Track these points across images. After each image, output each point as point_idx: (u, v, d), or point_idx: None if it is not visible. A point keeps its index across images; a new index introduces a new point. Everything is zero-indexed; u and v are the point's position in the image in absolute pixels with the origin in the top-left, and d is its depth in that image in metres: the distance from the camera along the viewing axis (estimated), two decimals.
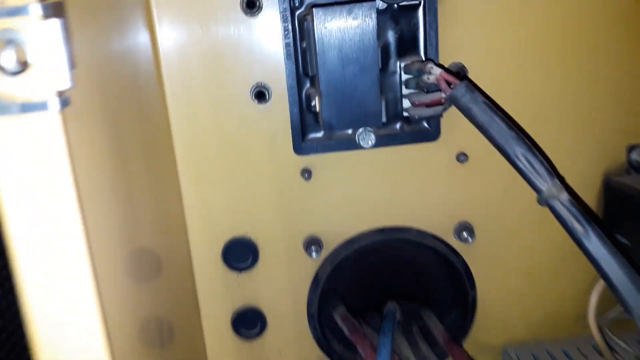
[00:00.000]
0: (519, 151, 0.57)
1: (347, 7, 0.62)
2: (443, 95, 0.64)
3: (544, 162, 0.57)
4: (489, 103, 0.59)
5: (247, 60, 0.69)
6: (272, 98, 0.72)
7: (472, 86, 0.60)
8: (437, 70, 0.62)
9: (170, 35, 0.70)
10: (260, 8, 0.70)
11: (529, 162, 0.57)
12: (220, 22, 0.70)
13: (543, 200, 0.56)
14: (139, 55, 0.67)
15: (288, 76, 0.70)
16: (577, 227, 0.55)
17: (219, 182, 0.73)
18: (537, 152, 0.57)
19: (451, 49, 0.69)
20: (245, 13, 0.70)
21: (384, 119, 0.70)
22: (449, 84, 0.62)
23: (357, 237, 0.77)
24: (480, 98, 0.59)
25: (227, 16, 0.70)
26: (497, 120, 0.58)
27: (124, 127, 0.57)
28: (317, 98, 0.68)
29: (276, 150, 0.72)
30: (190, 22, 0.70)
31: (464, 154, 0.74)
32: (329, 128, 0.65)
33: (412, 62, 0.69)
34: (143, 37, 0.69)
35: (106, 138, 0.49)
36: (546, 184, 0.56)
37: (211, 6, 0.70)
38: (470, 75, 0.73)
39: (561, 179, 0.57)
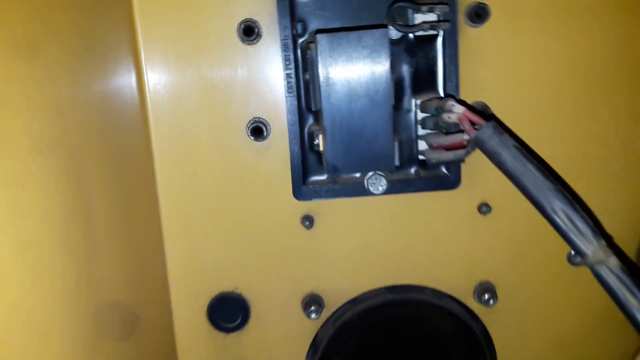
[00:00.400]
0: (558, 206, 0.48)
1: (355, 34, 0.54)
2: (466, 137, 0.55)
3: (588, 219, 0.48)
4: (521, 148, 0.51)
5: (244, 93, 0.62)
6: (271, 135, 0.64)
7: (500, 127, 0.52)
8: (459, 108, 0.53)
9: (158, 67, 0.63)
10: (259, 36, 0.63)
11: (569, 219, 0.47)
12: (214, 50, 0.63)
13: (587, 265, 0.47)
14: (121, 91, 0.60)
15: (289, 111, 0.62)
16: (630, 298, 0.45)
17: (206, 229, 0.66)
18: (579, 208, 0.48)
19: (473, 86, 0.62)
20: (243, 41, 0.63)
21: (396, 163, 0.62)
22: (473, 124, 0.54)
23: (364, 296, 0.68)
24: (511, 141, 0.51)
25: (222, 44, 0.63)
26: (532, 168, 0.49)
27: (92, 171, 0.49)
28: (320, 136, 0.59)
29: (274, 194, 0.65)
30: (182, 51, 0.63)
31: (487, 205, 0.65)
32: (333, 171, 0.56)
33: (430, 100, 0.60)
34: (127, 73, 0.61)
35: (62, 188, 0.41)
36: (592, 246, 0.46)
37: (205, 34, 0.62)
38: (497, 115, 0.64)
39: (608, 240, 0.48)
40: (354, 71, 0.55)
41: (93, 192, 0.49)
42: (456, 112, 0.54)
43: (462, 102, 0.60)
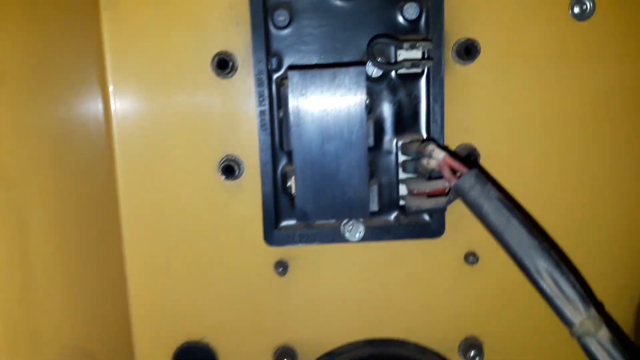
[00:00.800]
0: (544, 267, 0.43)
1: (330, 71, 0.50)
2: (447, 184, 0.50)
3: (577, 283, 0.43)
4: (505, 200, 0.46)
5: (217, 128, 0.59)
6: (243, 174, 0.60)
7: (484, 176, 0.47)
8: (439, 154, 0.49)
9: (127, 97, 0.60)
10: (234, 69, 0.59)
11: (556, 283, 0.43)
12: (187, 83, 0.59)
13: (574, 336, 0.42)
14: (86, 123, 0.56)
15: (262, 150, 0.58)
16: None
17: (173, 272, 0.62)
18: (567, 270, 0.43)
19: (459, 127, 0.59)
20: (217, 74, 0.59)
21: (375, 208, 0.57)
22: (454, 171, 0.49)
23: (341, 349, 0.63)
24: (494, 192, 0.46)
25: (195, 77, 0.59)
26: (515, 223, 0.45)
27: (39, 205, 0.45)
28: (292, 178, 0.55)
29: (245, 237, 0.61)
30: (153, 82, 0.59)
31: (474, 255, 0.61)
32: (303, 218, 0.52)
33: (411, 141, 0.56)
34: (93, 104, 0.58)
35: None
36: (580, 316, 0.42)
37: (177, 65, 0.59)
38: (483, 162, 0.60)
39: (599, 308, 0.43)
40: (328, 111, 0.51)
41: (40, 230, 0.45)
42: (436, 158, 0.50)
43: (444, 147, 0.55)
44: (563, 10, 0.59)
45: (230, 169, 0.60)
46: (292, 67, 0.52)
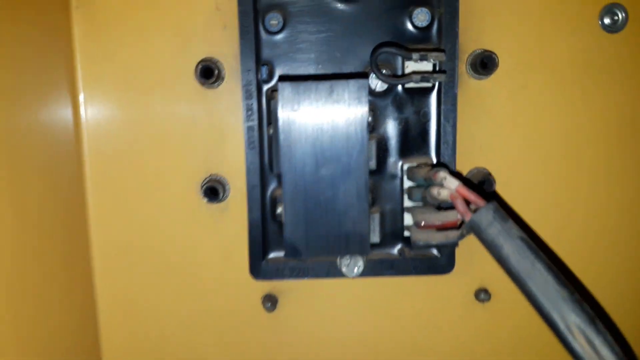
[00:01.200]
0: (575, 322, 0.36)
1: (327, 84, 0.43)
2: (459, 216, 0.44)
3: (614, 344, 0.36)
4: (529, 240, 0.39)
5: (199, 145, 0.54)
6: (228, 197, 0.54)
7: (504, 211, 0.40)
8: (452, 183, 0.42)
9: (98, 108, 0.54)
10: (220, 78, 0.53)
11: (589, 342, 0.36)
12: (167, 93, 0.53)
13: None
14: (51, 134, 0.50)
15: (249, 171, 0.51)
16: None
17: (148, 308, 0.56)
18: (603, 327, 0.36)
19: (473, 149, 0.54)
20: (201, 83, 0.52)
21: (376, 239, 0.51)
22: (468, 203, 0.42)
23: None
24: (516, 230, 0.39)
25: (176, 86, 0.53)
26: (541, 268, 0.38)
27: None
28: (283, 205, 0.48)
29: (229, 268, 0.56)
30: (128, 91, 0.54)
31: (486, 291, 0.55)
32: (293, 254, 0.45)
33: (419, 166, 0.50)
34: (62, 112, 0.51)
35: None
36: None
37: (157, 73, 0.53)
38: (499, 189, 0.53)
39: None
40: (323, 129, 0.44)
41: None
42: (448, 188, 0.43)
43: (457, 174, 0.49)
44: (592, 20, 0.53)
45: (214, 191, 0.54)
46: (283, 78, 0.45)
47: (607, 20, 0.53)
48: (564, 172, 0.55)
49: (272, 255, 0.53)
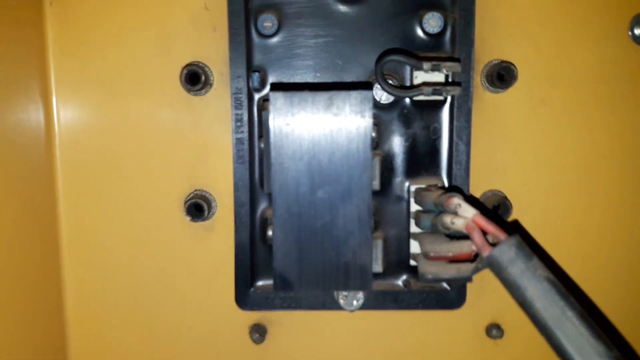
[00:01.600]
0: None
1: (326, 94, 0.38)
2: (474, 248, 0.38)
3: None
4: (557, 281, 0.34)
5: (183, 157, 0.50)
6: (214, 215, 0.50)
7: (527, 246, 0.35)
8: (468, 211, 0.37)
9: (72, 113, 0.49)
10: (208, 85, 0.47)
11: None
12: (148, 99, 0.49)
13: None
14: (23, 142, 0.45)
15: (237, 187, 0.46)
16: None
17: (125, 336, 0.51)
18: None
19: (488, 169, 0.49)
20: (187, 90, 0.47)
21: (379, 268, 0.46)
22: (485, 233, 0.37)
23: None
24: (543, 271, 0.34)
25: (159, 92, 0.49)
26: (573, 316, 0.32)
27: None
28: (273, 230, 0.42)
29: (214, 294, 0.51)
30: (105, 96, 0.49)
31: (498, 327, 0.51)
32: (283, 286, 0.40)
33: (429, 188, 0.44)
34: (33, 116, 0.46)
35: None
36: None
37: (137, 76, 0.49)
38: (516, 215, 0.48)
39: None
40: (321, 146, 0.39)
41: None
42: (463, 217, 0.37)
43: (472, 200, 0.43)
44: (621, 30, 0.49)
45: (198, 208, 0.48)
46: (276, 87, 0.40)
47: (637, 31, 0.48)
48: (589, 196, 0.50)
49: (260, 282, 0.48)
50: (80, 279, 0.50)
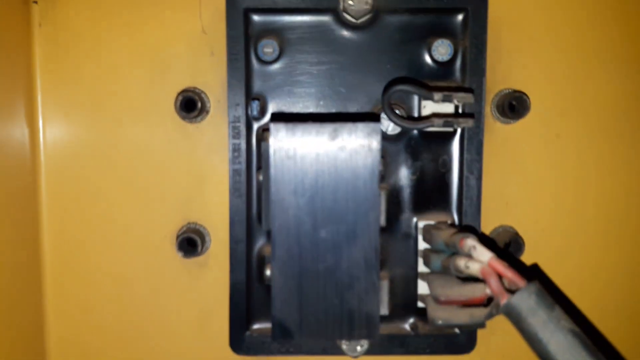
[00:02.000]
0: None
1: (330, 126, 0.35)
2: (488, 292, 0.35)
3: None
4: (582, 333, 0.31)
5: (177, 188, 0.47)
6: (208, 251, 0.48)
7: (548, 294, 0.32)
8: (484, 254, 0.34)
9: (59, 138, 0.47)
10: (205, 112, 0.45)
11: None
12: (141, 126, 0.47)
13: None
14: (6, 167, 0.42)
15: (233, 222, 0.43)
16: None
17: None
18: None
19: (499, 204, 0.47)
20: (182, 117, 0.45)
21: (385, 311, 0.43)
22: (501, 278, 0.34)
23: None
24: (566, 322, 0.31)
25: (152, 119, 0.47)
26: None
27: None
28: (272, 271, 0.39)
29: (207, 337, 0.48)
30: (95, 121, 0.47)
31: None
32: (282, 334, 0.37)
33: (439, 226, 0.42)
34: (17, 139, 0.44)
35: None
36: None
37: (130, 102, 0.46)
38: (528, 253, 0.45)
39: None
40: (324, 181, 0.36)
41: None
42: (479, 260, 0.34)
43: (487, 240, 0.40)
44: (637, 61, 0.45)
45: (191, 243, 0.46)
46: (276, 117, 0.37)
47: None
48: (604, 234, 0.47)
49: (257, 325, 0.44)
50: (62, 315, 0.48)
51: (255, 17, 0.42)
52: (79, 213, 0.47)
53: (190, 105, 0.45)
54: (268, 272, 0.42)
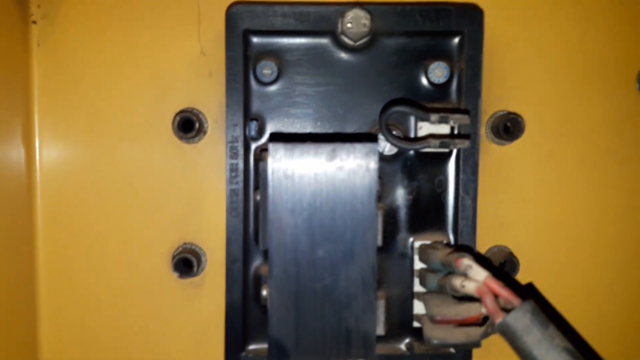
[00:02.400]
0: None
1: (328, 147, 0.35)
2: (483, 311, 0.36)
3: None
4: (576, 352, 0.31)
5: (174, 207, 0.47)
6: (204, 272, 0.48)
7: (543, 313, 0.32)
8: (479, 273, 0.35)
9: (55, 158, 0.47)
10: (202, 132, 0.45)
11: None
12: (138, 146, 0.47)
13: None
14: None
15: (230, 242, 0.43)
16: None
17: None
18: None
19: (494, 225, 0.47)
20: (179, 137, 0.45)
21: (381, 331, 0.43)
22: (497, 297, 0.34)
23: None
24: (560, 340, 0.32)
25: (150, 139, 0.47)
26: None
27: None
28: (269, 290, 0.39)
29: (203, 358, 0.48)
30: (92, 141, 0.47)
31: None
32: (278, 354, 0.37)
33: (434, 246, 0.42)
34: (14, 159, 0.44)
35: None
36: None
37: (128, 122, 0.47)
38: (523, 273, 0.46)
39: None
40: (322, 201, 0.37)
41: None
42: (474, 280, 0.35)
43: (482, 259, 0.41)
44: (629, 83, 0.47)
45: (187, 264, 0.46)
46: (275, 137, 0.38)
47: None
48: (598, 253, 0.48)
49: (253, 346, 0.44)
50: (57, 335, 0.47)
51: (254, 39, 0.42)
52: (74, 233, 0.47)
53: (187, 125, 0.45)
54: (265, 292, 0.42)
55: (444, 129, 0.43)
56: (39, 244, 0.47)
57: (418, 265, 0.43)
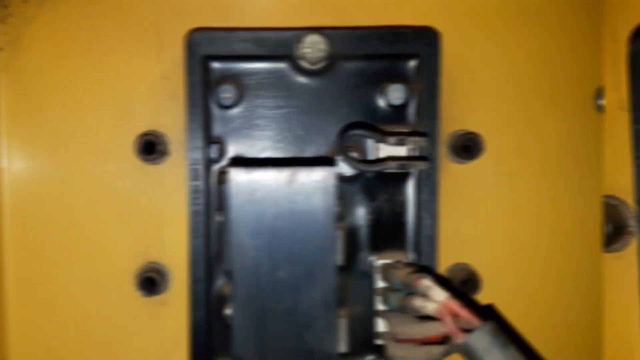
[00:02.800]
0: None
1: (287, 171, 0.36)
2: (444, 329, 0.36)
3: None
4: None
5: (137, 227, 0.47)
6: (167, 290, 0.47)
7: (503, 333, 0.33)
8: (438, 294, 0.35)
9: (21, 179, 0.47)
10: (165, 154, 0.45)
11: None
12: (101, 167, 0.47)
13: None
14: None
15: (193, 261, 0.44)
16: None
17: None
18: None
19: (455, 243, 0.47)
20: (142, 159, 0.45)
21: (344, 348, 0.43)
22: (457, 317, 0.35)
23: None
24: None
25: (112, 161, 0.47)
26: None
27: None
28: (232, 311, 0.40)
29: None
30: (56, 162, 0.47)
31: None
32: None
33: (396, 265, 0.42)
34: None
35: None
36: None
37: (90, 143, 0.47)
38: (486, 291, 0.47)
39: None
40: (283, 223, 0.37)
41: None
42: (434, 300, 0.35)
43: (443, 280, 0.41)
44: (587, 101, 0.48)
45: (151, 282, 0.46)
46: (237, 161, 0.38)
47: (601, 102, 0.48)
48: (559, 269, 0.49)
49: None
50: (25, 351, 0.47)
51: (214, 64, 0.42)
52: (41, 251, 0.47)
53: (149, 147, 0.45)
54: (228, 311, 0.42)
55: (403, 150, 0.43)
56: (5, 261, 0.46)
57: (380, 284, 0.44)
